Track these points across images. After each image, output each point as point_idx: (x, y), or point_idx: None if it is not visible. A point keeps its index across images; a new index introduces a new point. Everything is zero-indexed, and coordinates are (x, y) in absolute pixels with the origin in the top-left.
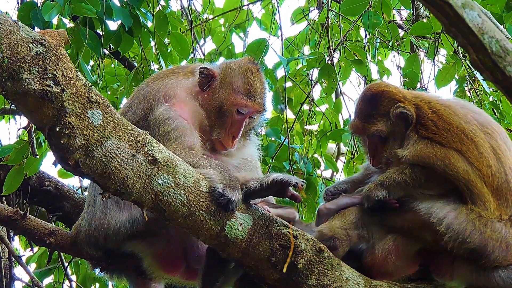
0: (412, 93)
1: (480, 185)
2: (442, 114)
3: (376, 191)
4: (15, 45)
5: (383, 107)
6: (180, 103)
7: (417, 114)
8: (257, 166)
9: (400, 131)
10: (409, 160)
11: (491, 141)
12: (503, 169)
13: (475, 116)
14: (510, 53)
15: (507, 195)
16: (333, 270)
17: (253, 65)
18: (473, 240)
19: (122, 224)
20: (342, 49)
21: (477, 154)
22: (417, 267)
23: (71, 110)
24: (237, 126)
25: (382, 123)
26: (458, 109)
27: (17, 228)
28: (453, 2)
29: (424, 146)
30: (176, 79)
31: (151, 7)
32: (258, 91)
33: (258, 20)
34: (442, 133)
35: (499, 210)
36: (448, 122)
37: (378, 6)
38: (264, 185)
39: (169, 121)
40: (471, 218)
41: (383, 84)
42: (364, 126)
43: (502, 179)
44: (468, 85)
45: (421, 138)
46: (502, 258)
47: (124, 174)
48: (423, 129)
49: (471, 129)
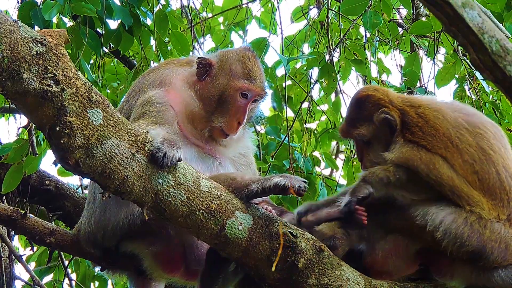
0: (402, 98)
1: (467, 188)
2: (429, 119)
3: (360, 189)
4: (15, 45)
5: (367, 112)
6: (173, 91)
7: (402, 120)
8: (251, 161)
9: (384, 136)
10: (394, 162)
11: (482, 142)
12: (494, 169)
13: (467, 119)
14: (510, 52)
15: (502, 194)
16: (333, 269)
17: (249, 52)
18: (471, 243)
19: (120, 220)
20: (342, 49)
21: (461, 162)
22: (417, 267)
23: (71, 109)
24: (242, 111)
25: (364, 127)
26: (449, 113)
27: (17, 228)
28: (453, 2)
29: (410, 149)
30: (172, 69)
31: (151, 6)
32: (257, 75)
33: (257, 19)
34: (428, 138)
35: (495, 211)
36: (435, 128)
37: (378, 5)
38: (266, 189)
39: (157, 105)
40: (471, 220)
41: (371, 89)
42: (348, 130)
43: (493, 179)
44: (468, 85)
45: (407, 142)
46: (501, 258)
47: (124, 174)
48: (409, 133)
49: (458, 135)
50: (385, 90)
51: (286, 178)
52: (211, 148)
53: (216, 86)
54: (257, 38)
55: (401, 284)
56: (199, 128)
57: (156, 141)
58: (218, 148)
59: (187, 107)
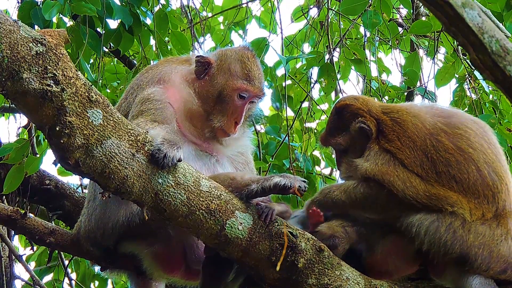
0: (382, 106)
1: (444, 191)
2: (407, 127)
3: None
4: (15, 45)
5: (345, 121)
6: (173, 88)
7: (379, 129)
8: (249, 160)
9: (360, 145)
10: (368, 174)
11: (461, 142)
12: (474, 167)
13: (446, 121)
14: (510, 52)
15: (485, 191)
16: (333, 269)
17: (249, 51)
18: (454, 250)
19: (120, 218)
20: (342, 48)
21: (435, 176)
22: (417, 267)
23: (71, 109)
24: (239, 111)
25: (342, 136)
26: (427, 118)
27: (17, 228)
28: (453, 2)
29: (386, 162)
30: (171, 66)
31: (151, 5)
32: (256, 75)
33: (257, 18)
34: (406, 152)
35: (479, 210)
36: (412, 139)
37: (378, 5)
38: (266, 189)
39: (155, 102)
40: (455, 226)
41: (351, 98)
42: (327, 138)
43: (473, 177)
44: (468, 84)
45: (383, 150)
46: (485, 265)
47: (124, 174)
48: (385, 141)
49: (434, 143)
50: (365, 99)
51: (286, 178)
52: (209, 146)
53: (214, 85)
54: (257, 37)
55: (401, 284)
56: (198, 126)
57: (156, 141)
58: (216, 146)
59: (185, 104)
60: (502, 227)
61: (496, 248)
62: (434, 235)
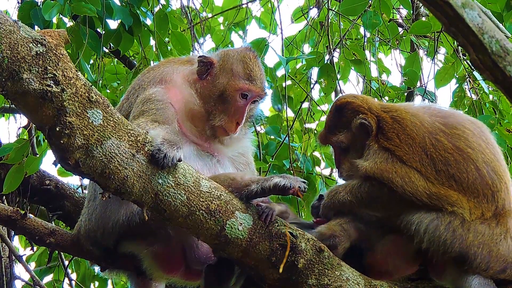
0: (382, 105)
1: (444, 190)
2: (406, 125)
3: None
4: (15, 45)
5: (346, 119)
6: (174, 89)
7: (379, 126)
8: (250, 161)
9: (361, 143)
10: (368, 173)
11: (459, 142)
12: (473, 166)
13: (444, 121)
14: (510, 52)
15: (484, 190)
16: (333, 269)
17: (250, 52)
18: (453, 249)
19: (120, 217)
20: (342, 49)
21: (435, 173)
22: (417, 267)
23: (71, 109)
24: (241, 111)
25: (343, 134)
26: (426, 118)
27: (17, 228)
28: (453, 2)
29: (384, 160)
30: (172, 67)
31: (151, 6)
32: (258, 75)
33: (257, 19)
34: (405, 148)
35: (479, 209)
36: (411, 136)
37: (378, 6)
38: (266, 190)
39: (157, 103)
40: (454, 225)
41: (351, 96)
42: (327, 136)
43: (472, 177)
44: (468, 85)
45: (382, 148)
46: (485, 264)
47: (124, 174)
48: (384, 139)
49: (433, 142)
50: (364, 98)
51: (286, 178)
52: (210, 146)
53: (216, 85)
54: (257, 38)
55: (401, 284)
56: (199, 126)
57: (157, 142)
58: (217, 146)
59: (187, 105)
60: (501, 226)
61: (496, 247)
62: (433, 233)
